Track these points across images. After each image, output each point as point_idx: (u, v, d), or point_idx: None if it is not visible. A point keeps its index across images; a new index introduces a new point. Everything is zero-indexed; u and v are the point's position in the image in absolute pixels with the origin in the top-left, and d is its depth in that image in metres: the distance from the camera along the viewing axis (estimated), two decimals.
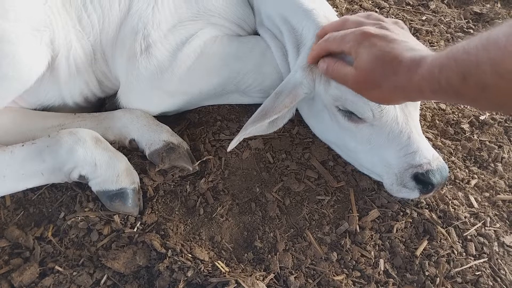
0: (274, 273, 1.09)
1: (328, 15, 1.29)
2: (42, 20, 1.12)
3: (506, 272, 1.14)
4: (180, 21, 1.28)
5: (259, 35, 1.43)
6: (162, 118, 1.39)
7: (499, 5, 2.00)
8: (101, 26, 1.25)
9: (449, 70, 0.75)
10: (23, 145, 1.14)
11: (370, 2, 1.94)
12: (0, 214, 1.17)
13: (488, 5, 1.99)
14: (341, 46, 1.02)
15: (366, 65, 0.94)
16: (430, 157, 1.10)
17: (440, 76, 0.77)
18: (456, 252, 1.17)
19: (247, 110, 1.48)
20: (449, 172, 1.36)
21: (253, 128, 1.14)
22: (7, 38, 1.04)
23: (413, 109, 1.16)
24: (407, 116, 1.13)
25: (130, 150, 1.30)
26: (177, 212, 1.21)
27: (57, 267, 1.06)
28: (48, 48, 1.15)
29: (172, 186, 1.26)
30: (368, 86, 0.97)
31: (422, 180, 1.09)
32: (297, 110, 1.39)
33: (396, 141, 1.12)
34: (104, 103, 1.46)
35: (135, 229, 1.14)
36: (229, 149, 1.17)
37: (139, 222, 1.16)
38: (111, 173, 1.14)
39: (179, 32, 1.27)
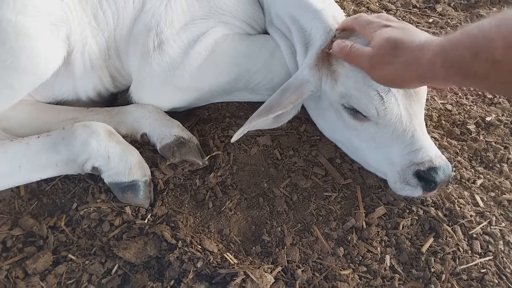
0: (281, 266, 1.11)
1: (336, 15, 1.32)
2: (59, 16, 1.15)
3: (511, 270, 1.15)
4: (192, 19, 1.31)
5: (269, 34, 1.46)
6: (173, 114, 1.42)
7: (505, 8, 2.01)
8: (115, 22, 1.29)
9: (462, 46, 0.79)
10: (38, 137, 1.17)
11: (377, 4, 1.96)
12: (14, 204, 1.20)
13: (494, 9, 2.01)
14: (365, 29, 1.10)
15: (381, 43, 1.01)
16: (433, 155, 1.12)
17: (452, 52, 0.81)
18: (461, 250, 1.18)
19: (256, 107, 1.48)
20: (455, 172, 1.38)
21: (257, 122, 1.17)
22: (26, 33, 1.07)
23: (418, 108, 1.18)
24: (411, 115, 1.15)
25: (142, 144, 1.33)
26: (186, 205, 1.23)
27: (70, 256, 1.08)
28: (64, 43, 1.18)
29: (182, 180, 1.28)
30: (381, 62, 1.01)
31: (424, 177, 1.10)
32: (304, 108, 1.41)
33: (400, 139, 1.14)
34: (116, 98, 1.49)
35: (145, 221, 1.17)
36: (232, 140, 1.21)
37: (150, 214, 1.18)
38: (124, 166, 1.17)
39: (191, 30, 1.30)
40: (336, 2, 1.61)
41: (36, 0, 1.10)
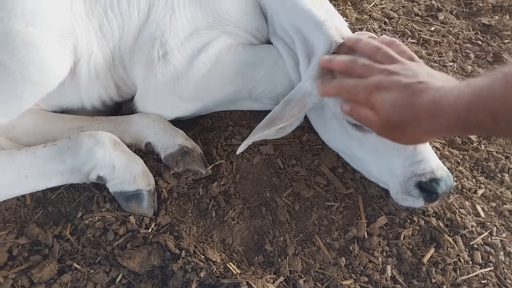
0: (284, 276, 1.12)
1: (339, 26, 1.33)
2: (67, 27, 1.17)
3: None
4: (196, 29, 1.32)
5: (272, 44, 1.47)
6: (176, 122, 1.43)
7: (507, 17, 2.02)
8: (120, 33, 1.30)
9: (478, 111, 0.76)
10: (45, 146, 1.19)
11: (379, 12, 1.98)
12: (20, 212, 1.21)
13: (496, 17, 2.01)
14: (353, 97, 1.03)
15: (385, 114, 0.93)
16: (434, 166, 1.13)
17: (469, 116, 0.77)
18: (462, 261, 1.19)
19: (258, 116, 1.52)
20: (456, 182, 1.39)
21: (261, 134, 1.18)
22: (35, 44, 1.09)
23: None
24: None
25: (146, 153, 1.34)
26: (190, 214, 1.24)
27: (75, 265, 1.09)
28: (71, 54, 1.20)
29: (185, 189, 1.29)
30: (393, 133, 0.96)
31: (425, 188, 1.12)
32: (306, 117, 1.42)
33: (402, 150, 1.15)
34: (120, 107, 1.51)
35: (149, 230, 1.18)
36: (238, 152, 1.22)
37: (154, 223, 1.20)
38: (128, 175, 1.19)
39: (195, 40, 1.31)
40: (338, 10, 1.63)
41: (45, 11, 1.11)
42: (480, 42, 1.88)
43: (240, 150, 1.20)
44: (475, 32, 1.94)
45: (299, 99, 1.22)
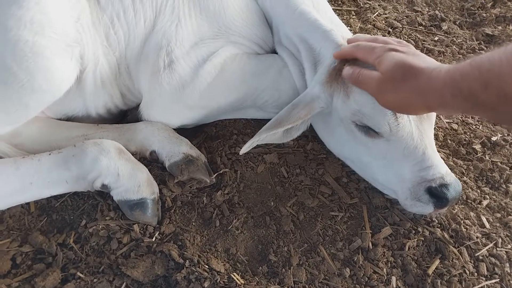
0: (288, 287, 1.11)
1: (345, 35, 1.34)
2: (74, 37, 1.18)
3: None
4: (201, 39, 1.33)
5: (277, 53, 1.48)
6: (181, 130, 1.44)
7: (510, 27, 2.03)
8: (126, 42, 1.31)
9: (472, 78, 0.80)
10: (50, 154, 1.19)
11: (383, 22, 1.99)
12: (24, 220, 1.21)
13: (499, 27, 2.02)
14: (368, 56, 1.10)
15: (389, 67, 1.01)
16: (444, 172, 1.13)
17: (462, 83, 0.82)
18: (468, 272, 1.18)
19: (263, 125, 1.50)
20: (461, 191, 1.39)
21: (267, 135, 1.19)
22: (43, 53, 1.10)
23: (428, 126, 1.19)
24: (422, 132, 1.16)
25: (151, 161, 1.35)
26: (194, 223, 1.24)
27: (78, 274, 1.09)
28: (77, 63, 1.21)
29: (189, 198, 1.29)
30: (389, 87, 1.01)
31: (435, 194, 1.11)
32: (311, 126, 1.43)
33: (411, 156, 1.14)
34: (126, 114, 1.51)
35: (153, 239, 1.18)
36: (241, 152, 1.23)
37: (158, 232, 1.19)
38: (133, 183, 1.19)
39: (201, 49, 1.32)
40: (342, 20, 1.64)
41: (53, 21, 1.12)
42: (483, 52, 1.89)
43: (243, 150, 1.21)
44: (478, 42, 1.95)
45: (307, 102, 1.24)
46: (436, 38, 1.93)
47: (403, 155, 1.15)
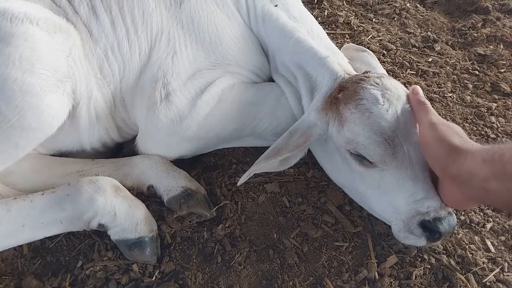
0: None
1: (341, 62, 1.34)
2: (66, 71, 1.15)
3: None
4: (198, 69, 1.32)
5: (274, 81, 1.47)
6: (179, 161, 1.41)
7: (501, 46, 2.06)
8: (121, 74, 1.29)
9: (507, 149, 0.88)
10: (43, 194, 1.15)
11: (377, 44, 2.00)
12: (17, 263, 1.16)
13: (491, 46, 2.05)
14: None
15: (445, 124, 1.08)
16: (438, 205, 1.11)
17: (494, 150, 0.90)
18: None
19: (262, 153, 1.49)
20: (464, 216, 1.37)
21: (265, 165, 1.17)
22: (32, 91, 1.06)
23: (424, 157, 1.18)
24: (416, 162, 1.14)
25: (148, 196, 1.31)
26: (194, 260, 1.20)
27: None
28: (70, 97, 1.18)
29: (189, 233, 1.25)
30: (440, 130, 1.06)
31: (429, 227, 1.09)
32: (311, 152, 1.41)
33: (405, 187, 1.13)
34: (122, 147, 1.48)
35: (153, 278, 1.13)
36: (239, 184, 1.21)
37: (158, 271, 1.15)
38: (130, 222, 1.15)
39: (198, 80, 1.31)
40: (337, 43, 1.64)
41: (43, 57, 1.10)
42: (477, 72, 1.90)
43: (241, 181, 1.19)
44: (471, 62, 1.96)
45: (304, 130, 1.22)
46: (430, 59, 1.95)
47: (397, 186, 1.14)
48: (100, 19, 1.24)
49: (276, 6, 1.41)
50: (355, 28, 2.08)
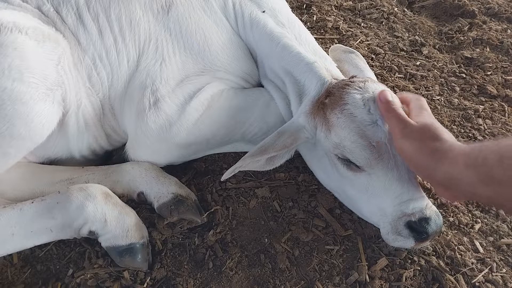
0: None
1: (328, 67, 1.36)
2: (55, 80, 1.15)
3: None
4: (187, 76, 1.33)
5: (263, 86, 1.48)
6: (169, 167, 1.41)
7: (488, 49, 2.09)
8: (110, 82, 1.29)
9: (490, 151, 0.84)
10: (32, 202, 1.14)
11: (366, 48, 2.02)
12: (7, 273, 1.15)
13: (477, 50, 2.08)
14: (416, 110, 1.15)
15: (427, 122, 1.06)
16: (423, 206, 1.12)
17: (479, 153, 0.87)
18: None
19: None
20: (452, 217, 1.39)
21: (250, 162, 1.18)
22: (22, 100, 1.07)
23: None
24: (402, 165, 1.16)
25: (139, 203, 1.31)
26: (186, 266, 1.20)
27: None
28: (59, 106, 1.18)
29: (180, 239, 1.25)
30: (415, 138, 1.04)
31: (415, 228, 1.10)
32: (301, 157, 1.42)
33: (391, 189, 1.14)
34: (111, 155, 1.48)
35: (145, 285, 1.13)
36: (222, 179, 1.22)
37: (149, 278, 1.15)
38: (121, 229, 1.15)
39: (186, 86, 1.31)
40: (325, 48, 1.66)
41: (32, 66, 1.10)
42: (464, 75, 1.93)
43: (225, 176, 1.20)
44: (458, 65, 2.00)
45: (292, 131, 1.24)
46: (418, 63, 1.98)
47: (384, 189, 1.15)
48: (87, 28, 1.25)
49: (263, 12, 1.42)
50: (344, 33, 2.11)
